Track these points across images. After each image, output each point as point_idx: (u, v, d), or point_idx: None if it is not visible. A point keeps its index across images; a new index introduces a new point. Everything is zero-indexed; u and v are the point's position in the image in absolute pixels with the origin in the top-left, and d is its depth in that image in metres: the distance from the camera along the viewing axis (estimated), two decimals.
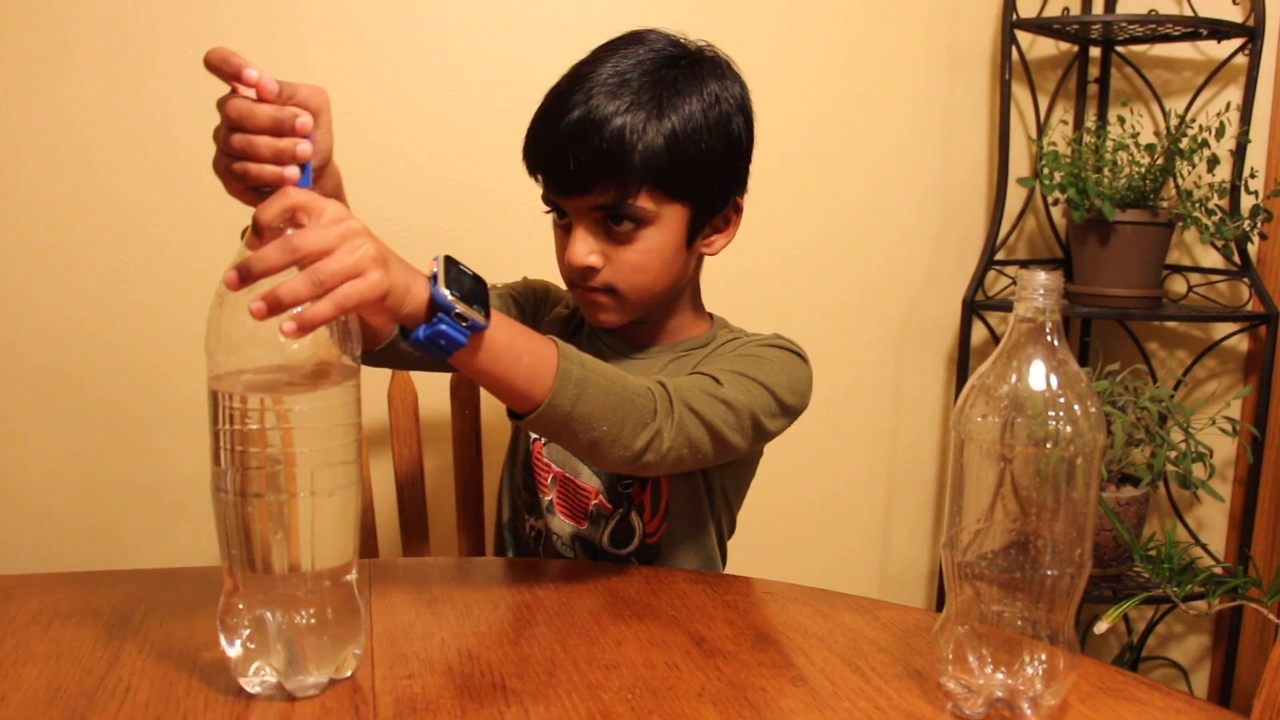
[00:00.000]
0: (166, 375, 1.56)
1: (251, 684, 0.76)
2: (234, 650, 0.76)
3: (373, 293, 0.75)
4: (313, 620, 0.76)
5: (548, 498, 1.19)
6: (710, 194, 1.11)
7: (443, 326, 0.82)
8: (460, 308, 0.82)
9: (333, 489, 0.76)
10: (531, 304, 1.29)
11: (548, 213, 1.14)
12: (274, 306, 0.71)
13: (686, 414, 0.99)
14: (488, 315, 0.85)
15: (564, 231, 1.12)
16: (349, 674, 0.79)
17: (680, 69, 1.09)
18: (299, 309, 0.71)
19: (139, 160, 1.51)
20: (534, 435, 1.20)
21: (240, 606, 0.76)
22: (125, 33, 1.48)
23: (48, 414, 1.53)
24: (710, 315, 1.25)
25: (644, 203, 1.07)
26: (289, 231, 0.74)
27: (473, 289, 0.85)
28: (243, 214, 0.78)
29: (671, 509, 1.16)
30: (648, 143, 1.05)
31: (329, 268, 0.73)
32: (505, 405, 0.93)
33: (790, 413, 1.10)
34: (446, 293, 0.82)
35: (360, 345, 0.78)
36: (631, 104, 1.05)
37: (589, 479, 1.17)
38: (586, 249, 1.09)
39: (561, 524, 1.19)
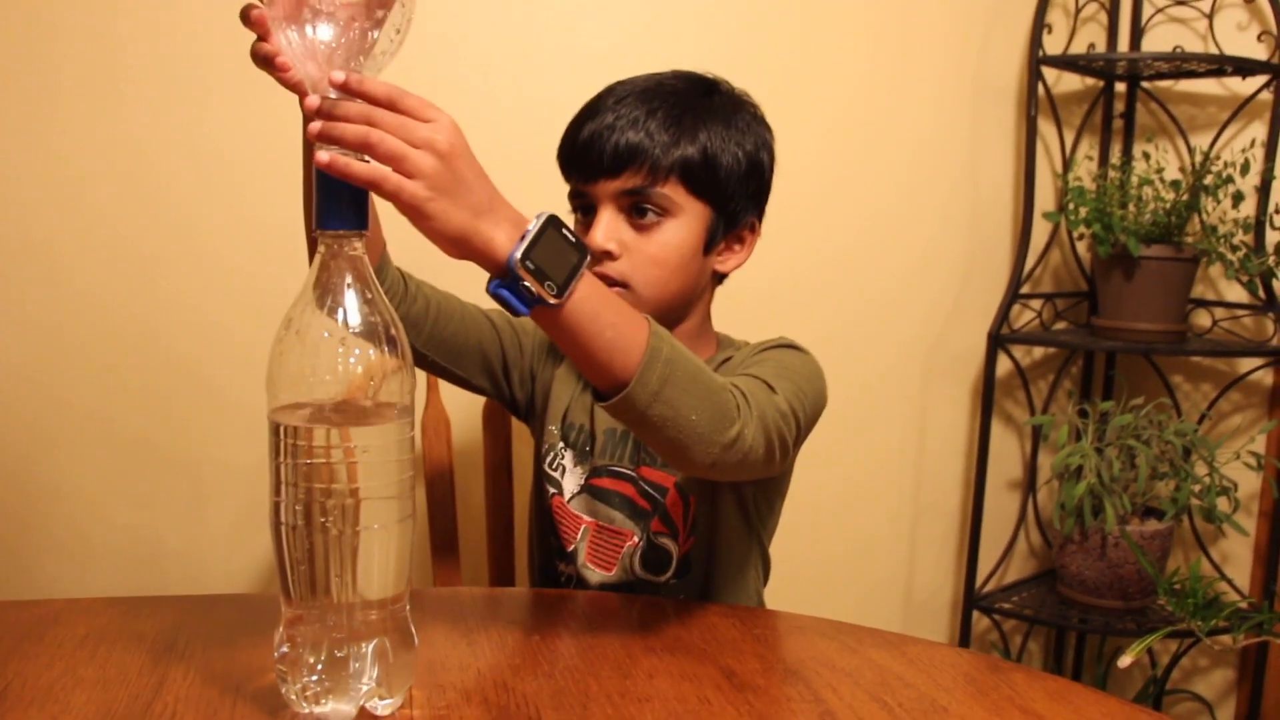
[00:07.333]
0: (212, 378, 1.59)
1: (302, 713, 0.78)
2: (287, 678, 0.78)
3: (406, 200, 0.76)
4: (369, 650, 0.78)
5: (571, 549, 1.20)
6: (732, 202, 1.14)
7: (504, 293, 0.80)
8: (528, 281, 0.79)
9: (389, 522, 0.78)
10: (510, 331, 1.24)
11: (572, 212, 1.16)
12: (327, 136, 0.73)
13: (762, 415, 0.94)
14: (563, 292, 0.81)
15: (586, 230, 1.12)
16: (399, 705, 0.81)
17: (722, 95, 1.15)
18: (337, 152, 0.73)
19: (184, 158, 1.54)
20: (552, 489, 1.21)
21: (297, 635, 0.77)
22: (171, 38, 1.52)
23: (89, 424, 1.57)
24: (716, 335, 1.24)
25: (670, 192, 1.10)
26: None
27: (559, 259, 0.81)
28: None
29: (701, 529, 1.15)
30: (685, 138, 1.10)
31: (385, 145, 0.74)
32: (592, 385, 0.89)
33: (817, 417, 1.07)
34: (519, 261, 0.79)
35: (414, 385, 0.80)
36: (675, 104, 1.11)
37: (624, 523, 1.17)
38: (606, 233, 1.10)
39: (592, 573, 1.19)
